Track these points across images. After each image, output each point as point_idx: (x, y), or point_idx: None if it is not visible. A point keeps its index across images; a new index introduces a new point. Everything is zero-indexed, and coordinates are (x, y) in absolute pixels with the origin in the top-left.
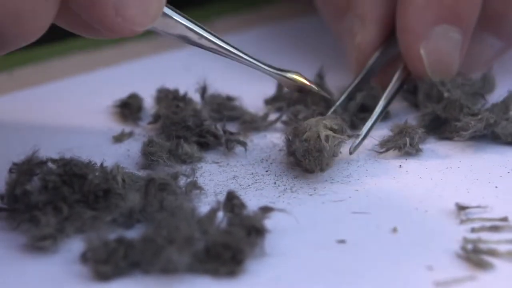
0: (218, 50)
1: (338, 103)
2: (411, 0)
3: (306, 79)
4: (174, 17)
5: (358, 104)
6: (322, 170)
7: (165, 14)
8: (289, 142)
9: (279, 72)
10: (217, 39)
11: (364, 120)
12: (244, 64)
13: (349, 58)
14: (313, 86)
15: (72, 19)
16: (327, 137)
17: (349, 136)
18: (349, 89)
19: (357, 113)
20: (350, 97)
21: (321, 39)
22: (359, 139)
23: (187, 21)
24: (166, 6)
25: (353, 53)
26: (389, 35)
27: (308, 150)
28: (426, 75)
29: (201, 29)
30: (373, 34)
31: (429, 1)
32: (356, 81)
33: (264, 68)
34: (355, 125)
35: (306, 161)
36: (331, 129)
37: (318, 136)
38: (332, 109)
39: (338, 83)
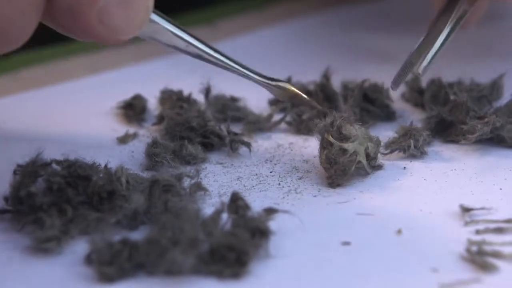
0: (206, 58)
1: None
2: None
3: (296, 88)
4: (161, 24)
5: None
6: (332, 184)
7: (151, 21)
8: (326, 137)
9: (269, 82)
10: (205, 46)
11: (370, 113)
12: (233, 72)
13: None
14: (303, 95)
15: (58, 23)
16: (359, 162)
17: (372, 169)
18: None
19: (363, 105)
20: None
21: (325, 39)
22: (426, 62)
23: (175, 27)
24: (153, 12)
25: None
26: None
27: (337, 161)
28: None
29: (189, 36)
30: None
31: None
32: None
33: (254, 77)
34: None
35: (328, 165)
36: (367, 155)
37: (356, 158)
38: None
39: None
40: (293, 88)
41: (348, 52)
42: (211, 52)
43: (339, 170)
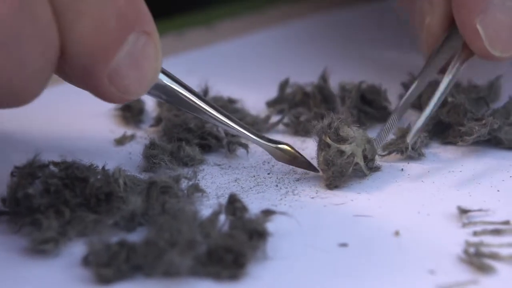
0: (210, 118)
1: (410, 90)
2: None
3: (296, 150)
4: (168, 84)
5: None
6: (329, 186)
7: (159, 81)
8: (324, 138)
9: (269, 144)
10: (209, 106)
11: (368, 114)
12: (234, 134)
13: (420, 40)
14: (303, 157)
15: (68, 79)
16: (357, 164)
17: (369, 171)
18: (420, 77)
19: (360, 106)
20: (420, 86)
21: (323, 41)
22: (416, 130)
23: (177, 85)
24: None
25: (423, 35)
26: None
27: (334, 162)
28: (487, 52)
29: (191, 95)
30: (442, 16)
31: None
32: (426, 68)
33: (256, 140)
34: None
35: (326, 167)
36: (365, 157)
37: (353, 160)
38: (405, 98)
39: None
40: (293, 150)
41: (346, 54)
42: (217, 115)
43: (337, 171)
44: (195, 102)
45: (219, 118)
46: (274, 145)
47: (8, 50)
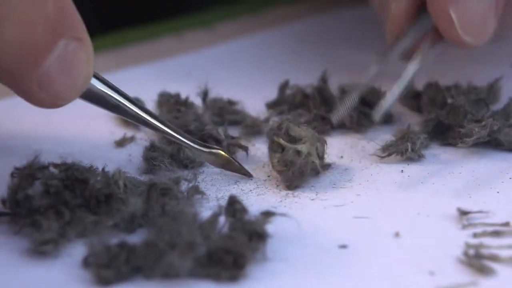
0: (144, 124)
1: (369, 76)
2: None
3: (228, 155)
4: (100, 88)
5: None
6: (290, 187)
7: (91, 86)
8: (276, 140)
9: (201, 148)
10: (143, 112)
11: (368, 116)
12: (168, 138)
13: (384, 29)
14: (235, 161)
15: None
16: (313, 162)
17: (322, 169)
18: (381, 61)
19: (359, 107)
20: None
21: (322, 42)
22: (384, 107)
23: (112, 91)
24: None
25: (388, 21)
26: (424, 4)
27: (294, 163)
28: (458, 37)
29: (124, 100)
30: (407, 4)
31: None
32: (389, 54)
33: (188, 144)
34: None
35: (284, 168)
36: (318, 155)
37: (311, 159)
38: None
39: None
40: (226, 155)
41: (346, 56)
42: (148, 118)
43: (297, 172)
44: (128, 107)
45: (153, 123)
46: (207, 150)
47: None
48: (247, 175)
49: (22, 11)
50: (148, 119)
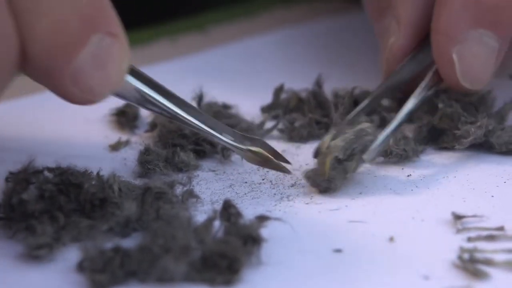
0: (180, 119)
1: (360, 107)
2: (447, 0)
3: (266, 153)
4: (135, 85)
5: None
6: (326, 190)
7: (126, 82)
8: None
9: (240, 146)
10: (179, 109)
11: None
12: (203, 134)
13: (380, 59)
14: (274, 160)
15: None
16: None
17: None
18: (374, 94)
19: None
20: (374, 103)
21: (319, 46)
22: (375, 147)
23: (148, 88)
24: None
25: (384, 53)
26: (424, 40)
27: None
28: (457, 82)
29: (162, 98)
30: (407, 38)
31: (467, 2)
32: (383, 87)
33: (224, 140)
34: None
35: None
36: (337, 159)
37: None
38: (354, 113)
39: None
40: (265, 153)
41: (341, 60)
42: (184, 115)
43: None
44: (164, 105)
45: (192, 123)
46: (246, 147)
47: None
48: (286, 171)
49: (57, 6)
50: (187, 119)
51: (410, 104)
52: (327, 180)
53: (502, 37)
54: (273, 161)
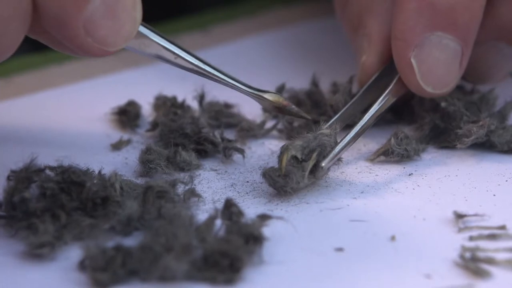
0: (194, 69)
1: (335, 117)
2: (403, 6)
3: (284, 99)
4: (149, 36)
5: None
6: (282, 189)
7: (139, 33)
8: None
9: (256, 93)
10: (194, 58)
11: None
12: (221, 83)
13: (357, 75)
14: (292, 106)
15: (45, 36)
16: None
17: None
18: (348, 105)
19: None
20: (350, 113)
21: (319, 45)
22: (334, 154)
23: (162, 40)
24: (141, 24)
25: (358, 71)
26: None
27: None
28: (419, 86)
29: (177, 48)
30: (377, 56)
31: (422, 6)
32: (356, 97)
33: (243, 89)
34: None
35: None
36: (295, 158)
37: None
38: (329, 124)
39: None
40: (280, 99)
41: (341, 59)
42: (200, 64)
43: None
44: (179, 55)
45: (206, 69)
46: (260, 93)
47: None
48: (304, 117)
49: None
50: (200, 65)
51: (372, 110)
52: (283, 177)
53: (461, 38)
54: (291, 107)
